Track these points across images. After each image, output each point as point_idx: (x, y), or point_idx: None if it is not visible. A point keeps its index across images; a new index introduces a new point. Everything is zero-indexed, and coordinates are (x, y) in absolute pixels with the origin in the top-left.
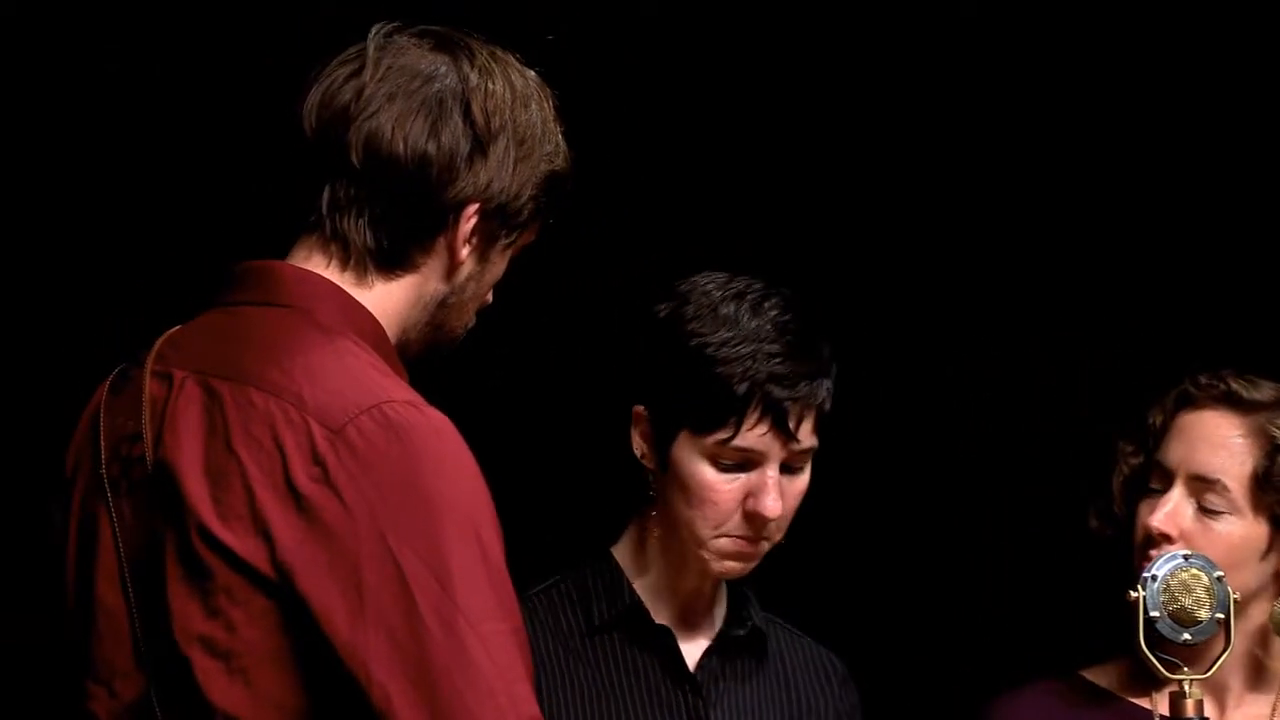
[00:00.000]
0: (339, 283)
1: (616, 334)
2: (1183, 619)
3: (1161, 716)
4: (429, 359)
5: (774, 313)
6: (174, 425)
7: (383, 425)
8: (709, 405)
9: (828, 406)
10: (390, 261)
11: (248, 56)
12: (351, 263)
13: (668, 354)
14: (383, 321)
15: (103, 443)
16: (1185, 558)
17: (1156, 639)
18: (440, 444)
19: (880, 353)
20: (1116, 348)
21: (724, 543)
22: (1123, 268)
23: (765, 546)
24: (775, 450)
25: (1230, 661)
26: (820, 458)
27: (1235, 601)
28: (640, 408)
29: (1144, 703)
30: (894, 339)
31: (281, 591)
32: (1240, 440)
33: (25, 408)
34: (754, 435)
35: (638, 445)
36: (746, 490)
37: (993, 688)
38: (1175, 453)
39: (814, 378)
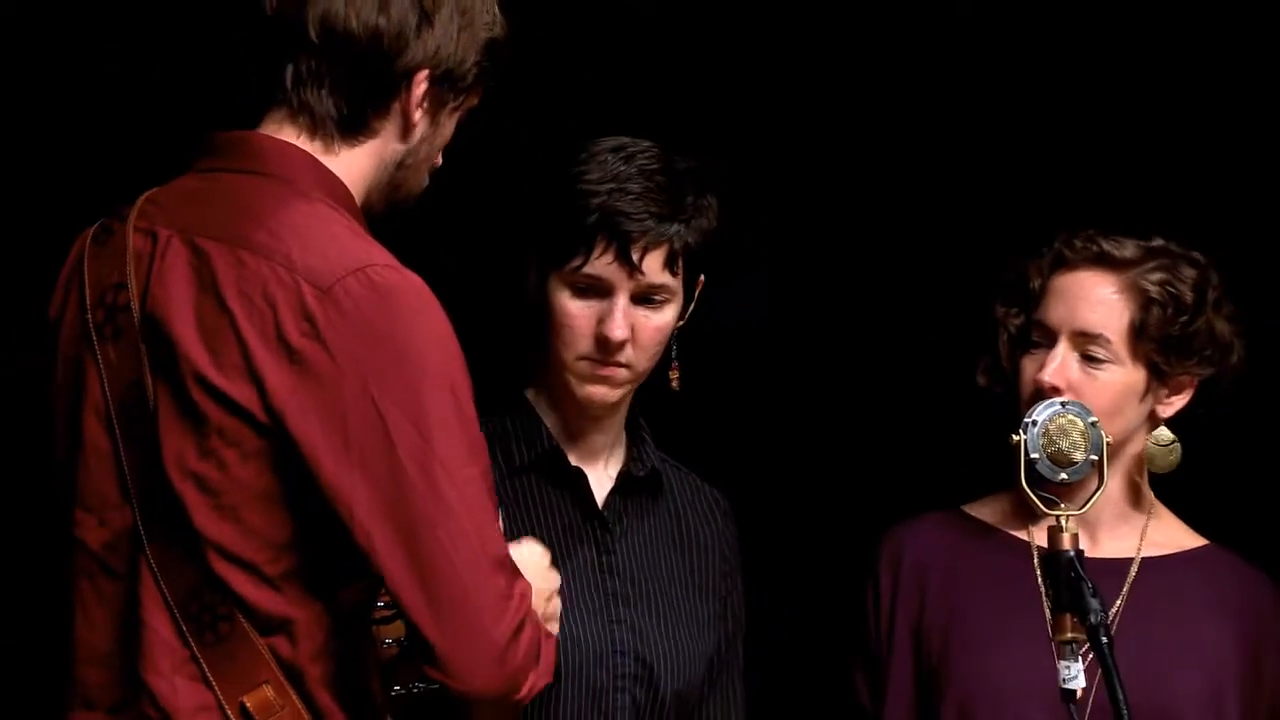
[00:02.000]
0: (309, 150)
1: (522, 189)
2: (1060, 460)
3: (1039, 547)
4: (388, 218)
5: (643, 162)
6: (162, 280)
7: (368, 286)
8: (565, 234)
9: (679, 247)
10: (352, 128)
11: None
12: (319, 132)
13: (547, 193)
14: (349, 185)
15: (87, 290)
16: (1063, 404)
17: (1036, 478)
18: (420, 305)
19: (787, 220)
20: (990, 214)
21: (582, 365)
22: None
23: (623, 374)
24: (622, 280)
25: (1102, 499)
26: (722, 310)
27: (1108, 444)
28: (532, 255)
29: (1022, 534)
30: (800, 209)
31: (273, 434)
32: (1116, 296)
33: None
34: (601, 264)
35: (530, 286)
36: (599, 316)
37: (885, 523)
38: (1056, 312)
39: (664, 219)
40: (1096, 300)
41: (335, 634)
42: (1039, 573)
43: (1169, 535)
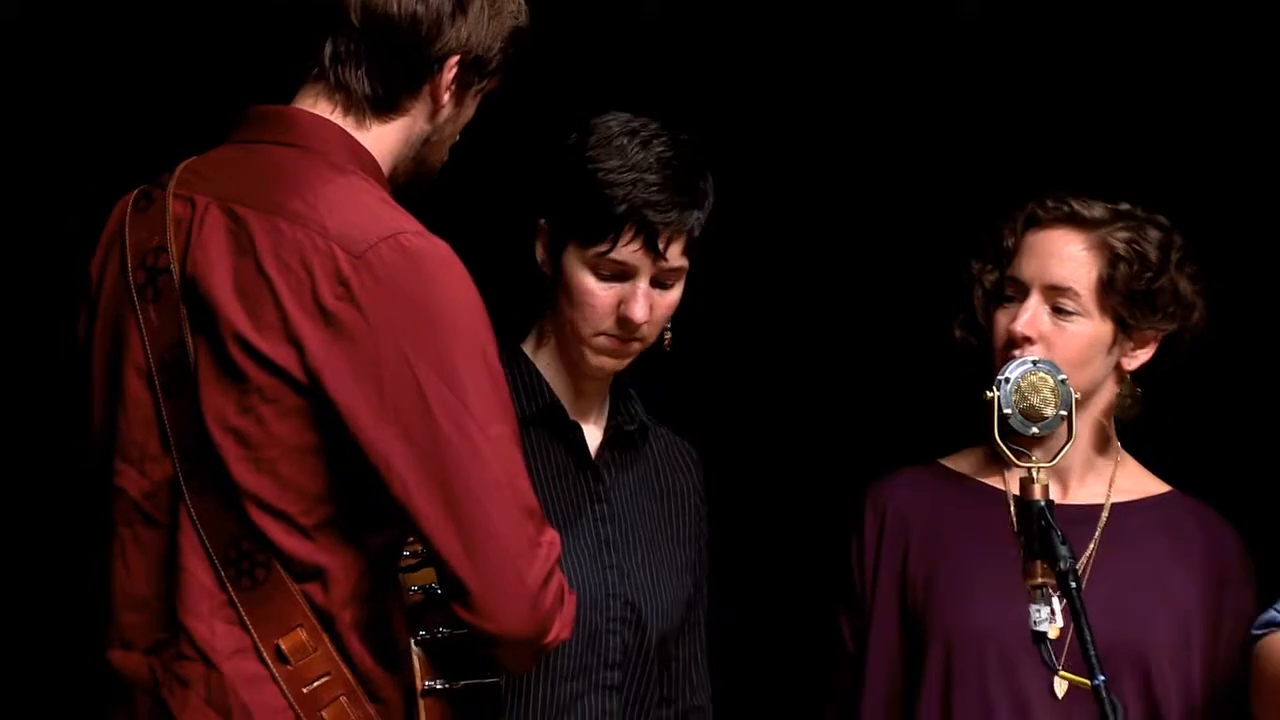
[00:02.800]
0: (342, 125)
1: (531, 158)
2: (1031, 415)
3: (1014, 496)
4: (411, 188)
5: (659, 149)
6: (202, 245)
7: (399, 252)
8: (593, 221)
9: (697, 233)
10: (384, 107)
11: None
12: (352, 109)
13: (567, 175)
14: (378, 159)
15: (128, 253)
16: (1034, 363)
17: (1009, 432)
18: (448, 269)
19: (764, 179)
20: (964, 178)
21: (601, 340)
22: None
23: (636, 347)
24: (646, 266)
25: (1072, 451)
26: (705, 271)
27: (1076, 400)
28: (543, 221)
29: (997, 484)
30: (777, 164)
31: (311, 393)
32: (1085, 252)
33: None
34: (628, 251)
35: (539, 253)
36: (620, 298)
37: (865, 477)
38: (1029, 267)
39: (685, 208)
40: (1067, 256)
41: (365, 581)
42: (1013, 520)
43: (1136, 482)
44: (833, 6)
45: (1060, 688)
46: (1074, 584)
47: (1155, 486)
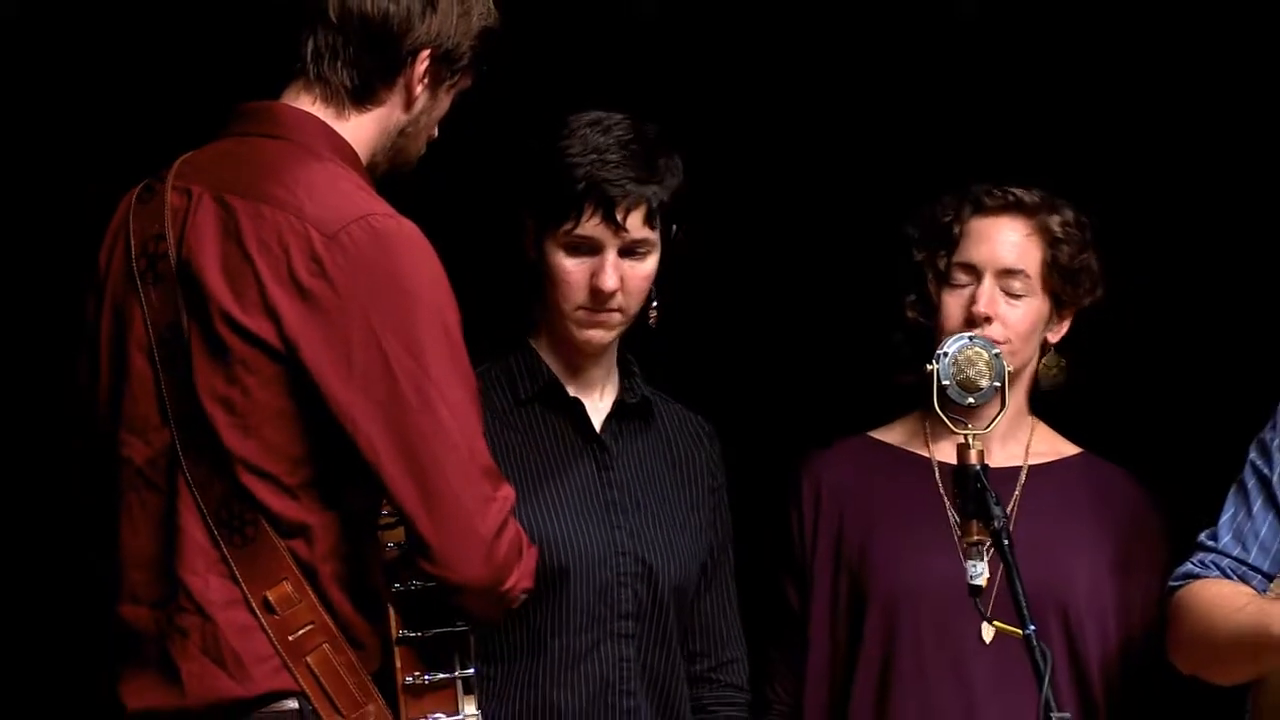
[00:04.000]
0: (322, 117)
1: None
2: (967, 386)
3: (940, 463)
4: (391, 178)
5: (619, 133)
6: (196, 232)
7: (368, 232)
8: (559, 202)
9: (656, 205)
10: (362, 98)
11: None
12: (332, 100)
13: (537, 165)
14: (356, 148)
15: (133, 241)
16: (970, 338)
17: (947, 402)
18: (414, 247)
19: (764, 178)
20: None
21: (580, 314)
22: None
23: (617, 317)
24: (609, 238)
25: (1001, 419)
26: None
27: (1011, 373)
28: (527, 216)
29: (922, 451)
30: (775, 163)
31: (288, 362)
32: (1030, 237)
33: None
34: (591, 225)
35: (529, 248)
36: (591, 271)
37: (801, 448)
38: (980, 252)
39: (641, 182)
40: (1014, 242)
41: (345, 538)
42: (939, 485)
43: (1050, 445)
44: (832, 7)
45: (988, 633)
46: (1007, 541)
47: (1067, 449)
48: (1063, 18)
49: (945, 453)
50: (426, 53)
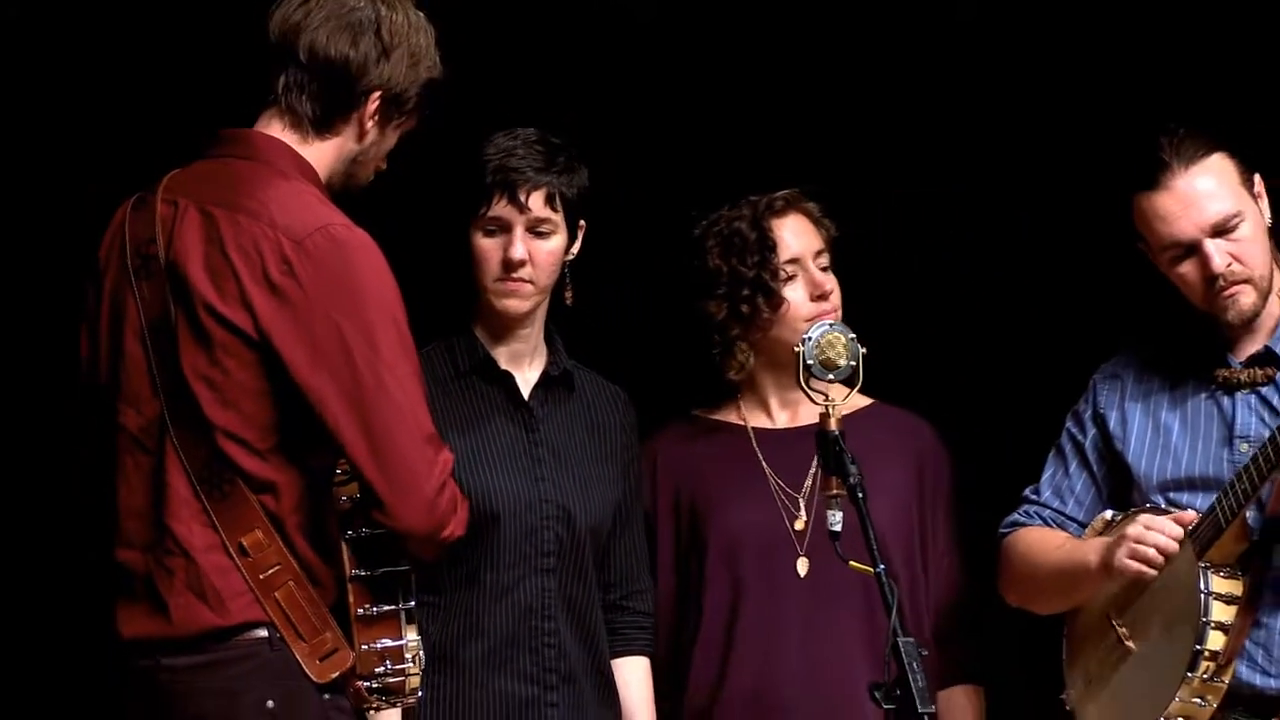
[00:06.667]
0: (289, 142)
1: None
2: (828, 365)
3: (754, 429)
4: (345, 196)
5: (524, 137)
6: (182, 237)
7: (329, 239)
8: (474, 194)
9: (554, 191)
10: (322, 127)
11: None
12: (298, 128)
13: (463, 171)
14: (317, 168)
15: (128, 244)
16: (830, 325)
17: (810, 378)
18: (367, 253)
19: (762, 178)
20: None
21: (497, 285)
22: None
23: (529, 288)
24: (515, 217)
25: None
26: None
27: (864, 355)
28: (459, 215)
29: (737, 420)
30: (774, 163)
31: (262, 347)
32: (815, 227)
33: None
34: (500, 207)
35: (463, 247)
36: (503, 247)
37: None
38: (795, 247)
39: (541, 170)
40: (811, 232)
41: (307, 493)
42: (756, 448)
43: (846, 400)
44: (832, 7)
45: (803, 567)
46: (861, 494)
47: (861, 400)
48: (1063, 18)
49: (758, 419)
50: (378, 94)
